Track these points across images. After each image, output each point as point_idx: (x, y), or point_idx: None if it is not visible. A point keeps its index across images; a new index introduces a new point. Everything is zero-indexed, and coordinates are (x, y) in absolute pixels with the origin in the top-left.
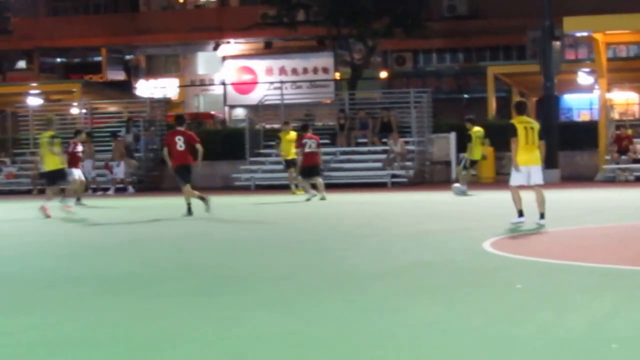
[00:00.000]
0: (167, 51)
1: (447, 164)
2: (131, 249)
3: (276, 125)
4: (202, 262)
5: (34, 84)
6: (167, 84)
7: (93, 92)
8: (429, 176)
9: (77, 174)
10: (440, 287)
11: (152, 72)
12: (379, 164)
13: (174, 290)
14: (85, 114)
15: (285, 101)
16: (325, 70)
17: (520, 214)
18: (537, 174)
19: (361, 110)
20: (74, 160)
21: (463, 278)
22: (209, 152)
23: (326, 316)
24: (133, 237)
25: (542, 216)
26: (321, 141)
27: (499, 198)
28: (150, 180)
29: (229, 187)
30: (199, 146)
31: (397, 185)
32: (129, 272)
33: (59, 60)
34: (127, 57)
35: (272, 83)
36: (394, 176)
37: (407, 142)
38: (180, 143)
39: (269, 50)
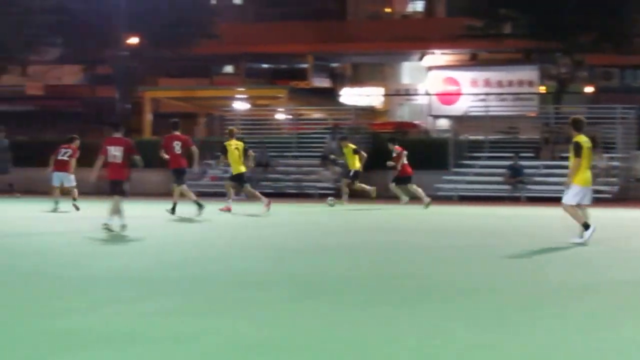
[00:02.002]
0: (372, 60)
1: None
2: (329, 253)
3: (480, 137)
4: (402, 271)
5: (242, 89)
6: (371, 92)
7: (298, 98)
8: (634, 192)
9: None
10: None
11: (356, 80)
12: None
13: (371, 297)
14: (291, 119)
15: (489, 113)
16: (529, 83)
17: (587, 226)
18: (589, 195)
19: (566, 124)
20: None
21: None
22: (411, 162)
23: (524, 331)
24: (339, 241)
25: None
26: (524, 154)
27: None
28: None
29: (431, 197)
30: (194, 149)
31: (600, 200)
32: (330, 276)
33: (265, 65)
34: (333, 64)
35: (476, 94)
36: (597, 192)
37: (611, 158)
38: (177, 147)
39: (473, 61)
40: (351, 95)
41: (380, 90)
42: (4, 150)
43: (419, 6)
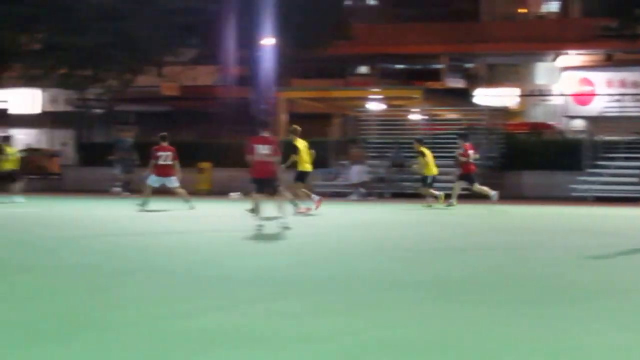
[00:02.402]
0: (506, 60)
1: None
2: (465, 254)
3: (615, 138)
4: (546, 272)
5: (377, 89)
6: (506, 93)
7: (433, 99)
8: None
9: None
10: None
11: (490, 80)
12: None
13: (509, 298)
14: (426, 120)
15: (625, 114)
16: None
17: None
18: None
19: None
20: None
21: None
22: (546, 163)
23: None
24: (474, 241)
25: None
26: None
27: None
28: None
29: (565, 197)
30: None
31: None
32: (465, 277)
33: (399, 66)
34: (467, 65)
35: (611, 95)
36: None
37: None
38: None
39: (608, 62)
40: (485, 96)
41: (515, 91)
42: (129, 150)
43: (554, 7)
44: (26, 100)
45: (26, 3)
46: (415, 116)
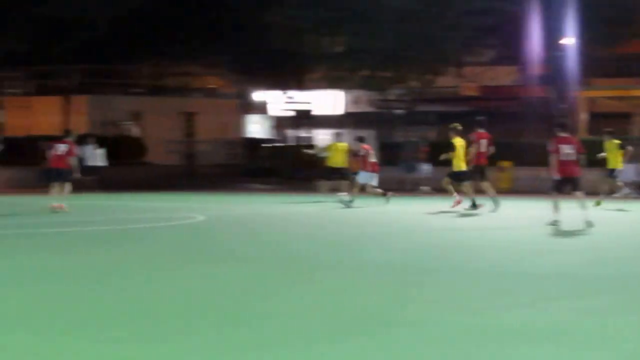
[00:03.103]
0: None
1: None
2: None
3: None
4: None
5: None
6: None
7: None
8: None
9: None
10: None
11: None
12: None
13: None
14: None
15: None
16: None
17: None
18: None
19: None
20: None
21: None
22: None
23: None
24: None
25: None
26: None
27: None
28: None
29: None
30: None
31: None
32: None
33: None
34: None
35: None
36: None
37: None
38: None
39: None
40: None
41: None
42: (413, 150)
43: None
44: (329, 101)
45: (329, 7)
46: None
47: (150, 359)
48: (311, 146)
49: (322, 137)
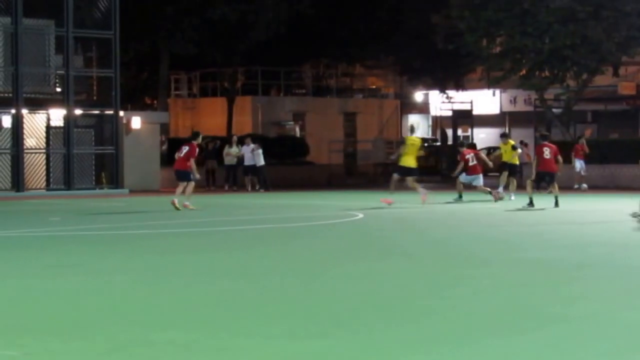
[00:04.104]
0: None
1: None
2: None
3: None
4: None
5: None
6: None
7: None
8: None
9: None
10: None
11: None
12: None
13: None
14: None
15: None
16: None
17: None
18: None
19: None
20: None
21: None
22: None
23: None
24: None
25: None
26: None
27: None
28: None
29: None
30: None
31: None
32: None
33: None
34: None
35: None
36: None
37: None
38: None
39: None
40: None
41: None
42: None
43: None
44: (488, 101)
45: (490, 8)
46: None
47: (316, 355)
48: (493, 149)
49: (481, 136)
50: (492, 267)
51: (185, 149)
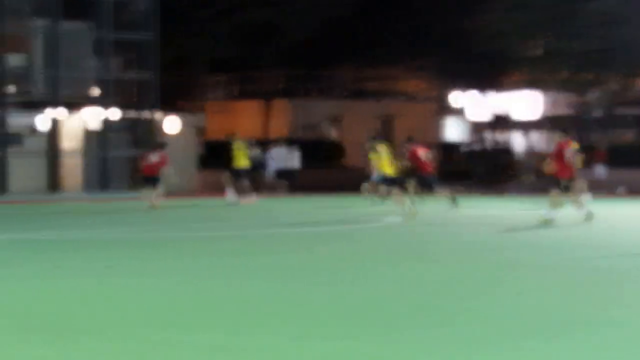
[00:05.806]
0: None
1: None
2: None
3: None
4: None
5: None
6: None
7: None
8: None
9: None
10: None
11: None
12: None
13: None
14: None
15: None
16: None
17: None
18: None
19: None
20: None
21: None
22: None
23: None
24: None
25: None
26: None
27: None
28: None
29: None
30: None
31: None
32: None
33: None
34: None
35: None
36: None
37: None
38: None
39: None
40: None
41: None
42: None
43: None
44: (527, 104)
45: (531, 11)
46: None
47: (352, 355)
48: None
49: (519, 140)
50: (530, 270)
51: (154, 158)
